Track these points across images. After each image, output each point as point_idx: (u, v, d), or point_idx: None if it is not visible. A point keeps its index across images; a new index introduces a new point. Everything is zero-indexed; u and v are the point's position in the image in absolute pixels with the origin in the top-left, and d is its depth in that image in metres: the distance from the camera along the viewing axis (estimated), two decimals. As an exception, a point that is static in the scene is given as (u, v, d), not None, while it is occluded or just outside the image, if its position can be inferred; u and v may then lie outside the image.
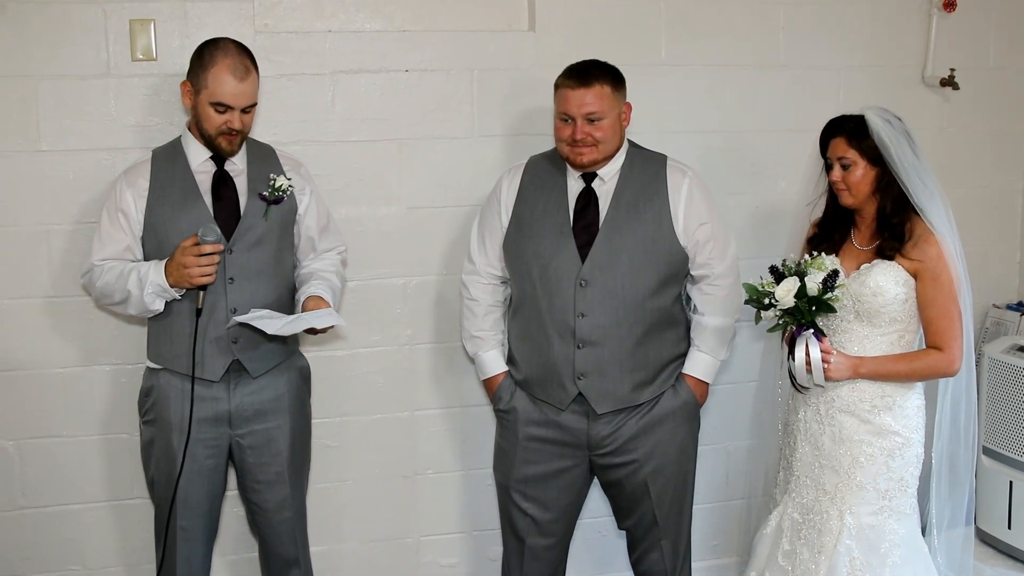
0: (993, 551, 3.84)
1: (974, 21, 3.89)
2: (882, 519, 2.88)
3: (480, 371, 3.25)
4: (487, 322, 3.20)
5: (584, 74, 2.98)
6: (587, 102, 2.95)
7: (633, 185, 3.05)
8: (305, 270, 3.11)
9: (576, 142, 2.98)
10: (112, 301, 2.94)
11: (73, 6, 3.18)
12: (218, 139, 2.89)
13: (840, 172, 2.90)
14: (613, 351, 3.01)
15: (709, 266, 3.09)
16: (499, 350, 3.22)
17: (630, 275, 3.00)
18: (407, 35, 3.42)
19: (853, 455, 2.90)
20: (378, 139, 3.43)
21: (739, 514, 3.89)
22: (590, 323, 2.99)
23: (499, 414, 3.22)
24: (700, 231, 3.06)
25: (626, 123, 3.08)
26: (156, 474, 3.01)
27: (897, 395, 2.90)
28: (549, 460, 3.12)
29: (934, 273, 2.84)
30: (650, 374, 3.06)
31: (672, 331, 3.11)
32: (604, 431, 3.06)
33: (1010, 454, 3.76)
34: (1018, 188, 4.10)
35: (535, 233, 3.06)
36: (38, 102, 3.19)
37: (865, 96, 3.18)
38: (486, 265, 3.19)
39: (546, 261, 3.03)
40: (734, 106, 3.70)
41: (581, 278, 2.99)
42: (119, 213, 2.93)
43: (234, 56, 2.85)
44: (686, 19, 3.61)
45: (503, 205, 3.15)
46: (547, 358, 3.05)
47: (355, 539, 3.60)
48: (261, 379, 2.99)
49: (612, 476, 3.14)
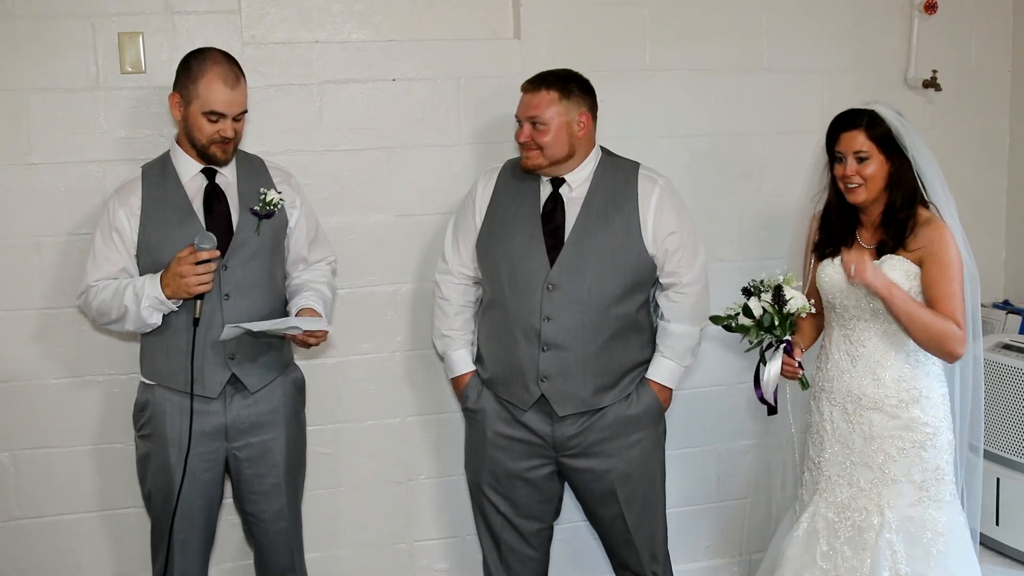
0: (981, 547, 3.86)
1: (955, 23, 3.93)
2: (922, 509, 2.88)
3: (448, 370, 3.29)
4: (457, 321, 3.24)
5: (538, 80, 3.06)
6: (531, 106, 3.03)
7: (604, 192, 3.08)
8: (296, 281, 3.12)
9: (522, 145, 3.06)
10: (110, 319, 2.93)
11: (62, 20, 3.20)
12: (211, 148, 2.90)
13: (855, 166, 2.86)
14: (577, 355, 3.04)
15: (677, 274, 3.11)
16: (468, 349, 3.25)
17: (597, 281, 3.02)
18: (394, 45, 3.45)
19: (886, 451, 2.90)
20: (366, 148, 3.46)
21: (734, 515, 3.91)
22: (555, 327, 3.02)
23: (467, 413, 3.26)
24: (669, 240, 3.08)
25: (582, 132, 3.07)
26: (153, 488, 3.02)
27: (923, 387, 2.89)
28: (517, 459, 3.15)
29: (937, 255, 2.82)
30: (613, 379, 3.09)
31: (637, 337, 3.13)
32: (568, 432, 3.09)
33: (997, 451, 3.79)
34: (1002, 187, 4.13)
35: (506, 235, 3.10)
36: (28, 115, 3.21)
37: (848, 98, 3.19)
38: (459, 265, 3.23)
39: (515, 263, 3.06)
40: (719, 110, 3.73)
41: (549, 282, 3.02)
42: (113, 232, 2.92)
43: (223, 64, 2.87)
44: (670, 25, 3.64)
45: (477, 206, 3.19)
46: (512, 359, 3.08)
47: (349, 545, 3.62)
48: (257, 392, 3.00)
49: (579, 480, 3.17)
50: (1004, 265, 4.17)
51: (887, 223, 2.90)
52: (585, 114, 3.07)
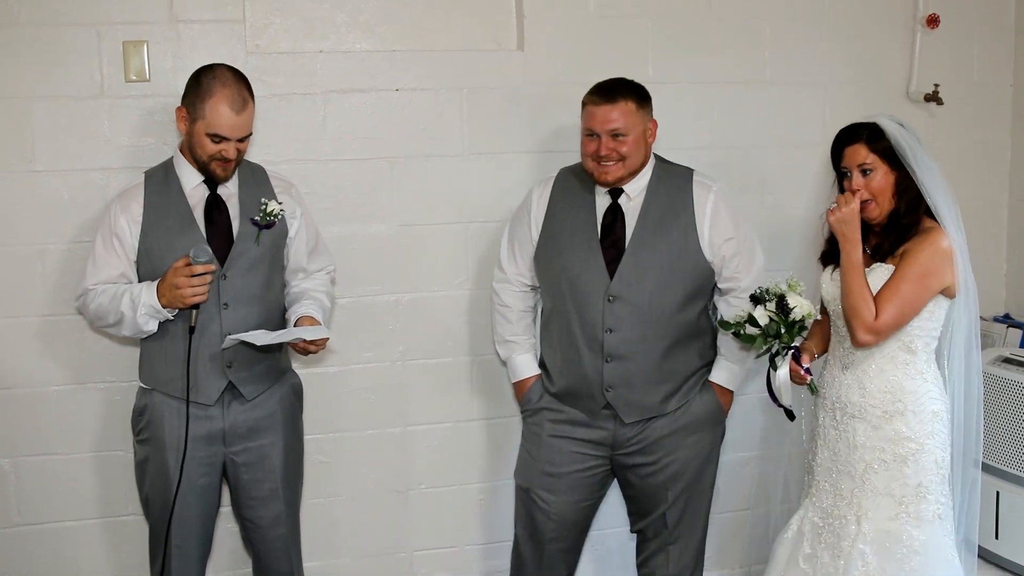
0: (981, 561, 3.86)
1: (957, 37, 3.94)
2: (899, 524, 2.86)
3: (512, 374, 3.30)
4: (520, 327, 3.27)
5: (610, 91, 3.04)
6: (612, 118, 3.00)
7: (659, 201, 3.09)
8: (295, 289, 3.13)
9: (601, 158, 3.02)
10: (106, 323, 2.95)
11: (67, 28, 3.21)
12: (212, 165, 2.90)
13: (861, 179, 2.87)
14: (640, 365, 3.07)
15: (736, 279, 3.14)
16: (532, 354, 3.28)
17: (657, 291, 3.04)
18: (397, 55, 3.46)
19: (867, 461, 2.89)
20: (369, 157, 3.46)
21: (738, 525, 3.91)
22: (618, 338, 3.05)
23: (526, 414, 3.28)
24: (726, 246, 3.10)
25: (651, 139, 3.12)
26: (151, 493, 3.02)
27: (910, 401, 2.87)
28: (573, 461, 3.17)
29: (909, 254, 2.82)
30: (676, 384, 3.13)
31: (698, 342, 3.17)
32: (630, 433, 3.13)
33: (997, 465, 3.79)
34: (1003, 201, 4.14)
35: (564, 247, 3.11)
36: (32, 123, 3.22)
37: (851, 111, 3.20)
38: (517, 274, 3.25)
39: (574, 275, 3.08)
40: (721, 122, 3.73)
41: (609, 294, 3.04)
42: (114, 238, 2.93)
43: (232, 87, 2.84)
44: (672, 37, 3.65)
45: (533, 218, 3.20)
46: (576, 370, 3.11)
47: (349, 554, 3.62)
48: (255, 398, 3.01)
49: (632, 476, 3.19)
50: (1005, 279, 4.17)
51: (889, 229, 2.90)
52: (653, 121, 3.11)
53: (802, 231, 3.18)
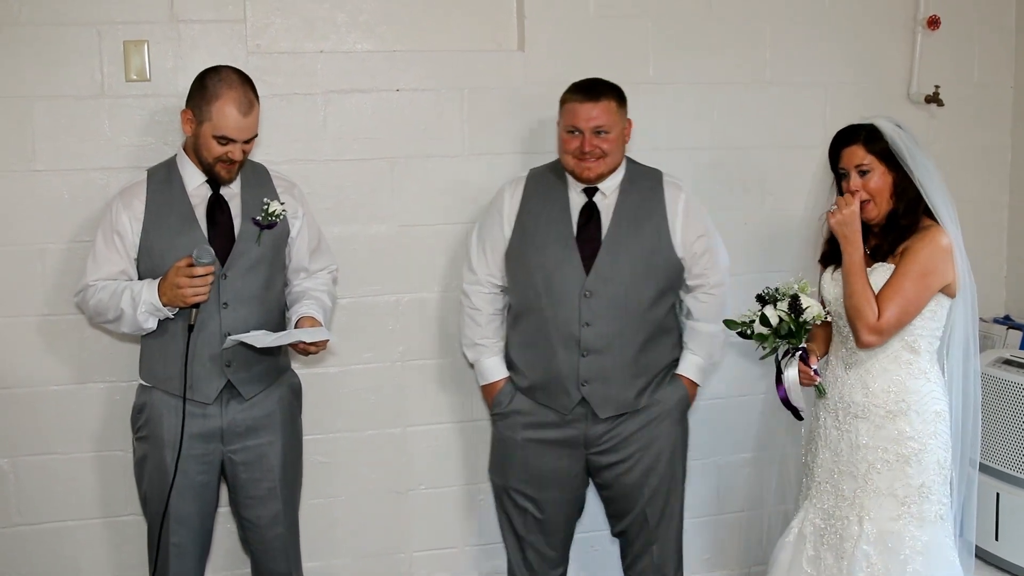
0: (981, 562, 3.86)
1: (958, 38, 3.94)
2: (902, 525, 2.86)
3: (480, 377, 3.30)
4: (489, 330, 3.27)
5: (592, 89, 3.09)
6: (595, 115, 3.06)
7: (633, 200, 3.15)
8: (297, 289, 3.13)
9: (584, 155, 3.07)
10: (105, 319, 2.96)
11: (67, 27, 3.21)
12: (217, 167, 2.91)
13: (858, 180, 2.88)
14: (616, 359, 3.11)
15: (704, 276, 3.21)
16: (500, 356, 3.28)
17: (632, 286, 3.10)
18: (398, 55, 3.46)
19: (869, 461, 2.89)
20: (370, 158, 3.47)
21: (734, 527, 3.91)
22: (595, 332, 3.08)
23: (497, 417, 3.28)
24: (698, 243, 3.18)
25: (627, 139, 3.18)
26: (149, 490, 3.02)
27: (913, 401, 2.87)
28: (547, 460, 3.20)
29: (909, 252, 2.83)
30: (649, 379, 3.17)
31: (668, 338, 3.23)
32: (601, 430, 3.15)
33: (997, 466, 3.78)
34: (1003, 202, 4.14)
35: (539, 244, 3.14)
36: (33, 122, 3.22)
37: (851, 112, 3.20)
38: (487, 275, 3.25)
39: (550, 272, 3.10)
40: (722, 123, 3.74)
41: (586, 289, 3.07)
42: (115, 234, 2.94)
43: (238, 89, 2.85)
44: (673, 37, 3.65)
45: (505, 216, 3.22)
46: (551, 365, 3.13)
47: (348, 555, 3.62)
48: (253, 397, 3.01)
49: (608, 475, 3.21)
50: (1005, 280, 4.17)
51: (888, 230, 2.91)
52: (629, 121, 3.17)
53: (802, 232, 3.18)
